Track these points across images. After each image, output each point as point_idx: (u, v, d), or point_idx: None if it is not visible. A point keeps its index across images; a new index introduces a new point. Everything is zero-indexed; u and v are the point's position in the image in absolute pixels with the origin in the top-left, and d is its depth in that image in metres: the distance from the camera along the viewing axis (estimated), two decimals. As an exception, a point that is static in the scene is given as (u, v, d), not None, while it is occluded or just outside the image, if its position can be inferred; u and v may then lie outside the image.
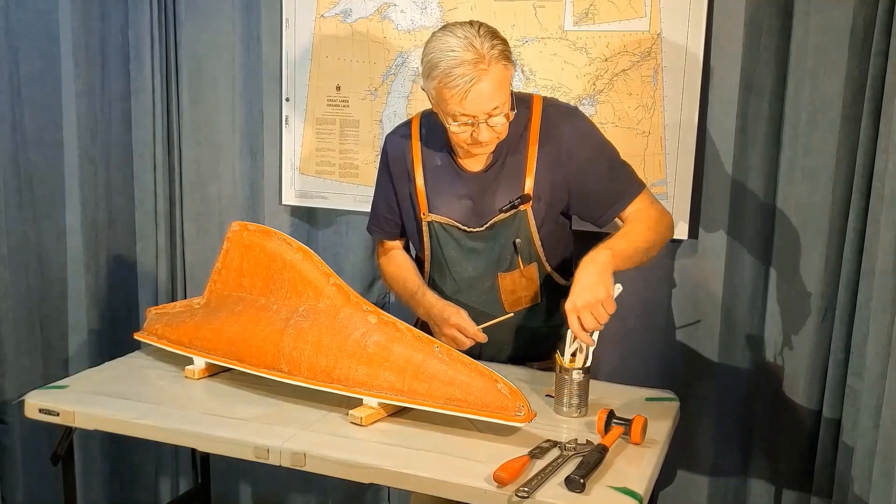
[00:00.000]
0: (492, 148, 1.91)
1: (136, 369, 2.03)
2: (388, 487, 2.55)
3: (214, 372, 1.96)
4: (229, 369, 1.93)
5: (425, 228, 2.01)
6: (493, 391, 1.64)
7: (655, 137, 2.23)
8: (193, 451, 2.76)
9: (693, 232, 2.23)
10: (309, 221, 2.65)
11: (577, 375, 1.74)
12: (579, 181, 1.94)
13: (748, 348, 2.22)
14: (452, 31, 1.79)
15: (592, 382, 1.78)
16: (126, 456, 2.77)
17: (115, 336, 2.65)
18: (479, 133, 1.82)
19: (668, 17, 2.17)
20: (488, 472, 1.47)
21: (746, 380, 2.22)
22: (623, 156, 2.24)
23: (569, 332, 1.78)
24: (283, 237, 1.95)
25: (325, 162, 2.57)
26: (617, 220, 1.97)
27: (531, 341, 2.04)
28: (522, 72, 2.32)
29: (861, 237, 1.93)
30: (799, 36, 2.05)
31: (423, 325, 2.05)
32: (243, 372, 1.88)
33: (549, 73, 2.30)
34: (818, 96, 2.02)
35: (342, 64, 2.51)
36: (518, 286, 1.99)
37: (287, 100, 2.60)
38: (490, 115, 1.80)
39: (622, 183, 1.95)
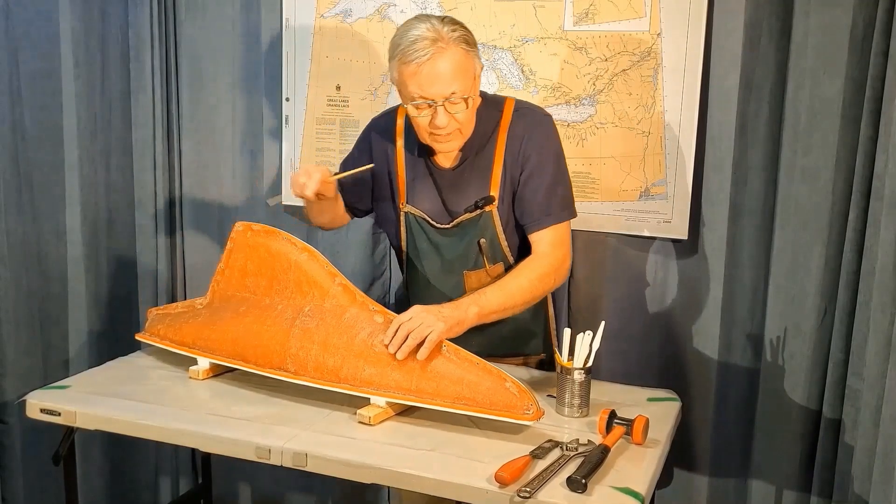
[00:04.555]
0: (455, 143, 1.89)
1: (138, 370, 2.02)
2: (388, 487, 2.55)
3: (218, 372, 1.96)
4: (233, 370, 1.93)
5: (402, 219, 2.02)
6: (501, 390, 1.64)
7: (655, 137, 2.23)
8: (194, 451, 2.76)
9: (693, 232, 2.23)
10: (309, 221, 2.65)
11: (578, 376, 1.74)
12: (522, 184, 1.92)
13: (748, 348, 2.22)
14: (418, 18, 1.82)
15: (594, 382, 1.78)
16: (126, 456, 2.77)
17: (115, 336, 2.65)
18: (436, 117, 1.80)
19: (668, 17, 2.17)
20: (490, 473, 1.48)
21: (746, 380, 2.23)
22: (623, 156, 2.24)
23: (567, 331, 1.79)
24: (287, 237, 1.95)
25: (325, 162, 2.56)
26: (533, 237, 1.93)
27: (499, 340, 2.01)
28: (522, 72, 2.32)
29: (861, 237, 1.93)
30: (799, 36, 2.05)
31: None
32: (247, 372, 1.87)
33: (549, 73, 2.30)
34: (818, 96, 2.02)
35: (342, 64, 2.51)
36: (484, 285, 1.95)
37: (287, 100, 2.60)
38: (447, 100, 1.78)
39: (553, 204, 1.92)
